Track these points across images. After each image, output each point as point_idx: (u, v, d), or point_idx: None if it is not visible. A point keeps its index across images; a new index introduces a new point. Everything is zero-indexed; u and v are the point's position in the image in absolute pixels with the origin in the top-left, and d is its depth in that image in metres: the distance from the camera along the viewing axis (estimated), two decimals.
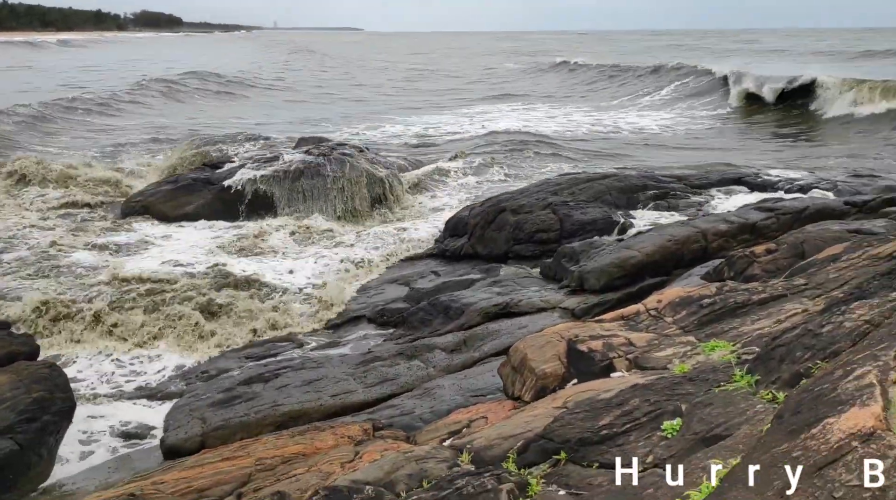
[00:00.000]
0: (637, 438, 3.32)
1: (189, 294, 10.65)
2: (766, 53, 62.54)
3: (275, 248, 13.46)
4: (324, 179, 15.78)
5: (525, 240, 11.70)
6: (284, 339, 9.74)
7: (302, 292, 11.32)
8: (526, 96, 42.04)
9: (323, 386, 7.07)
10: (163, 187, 16.34)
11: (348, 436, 4.34)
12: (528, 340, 4.99)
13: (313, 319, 10.36)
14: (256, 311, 10.30)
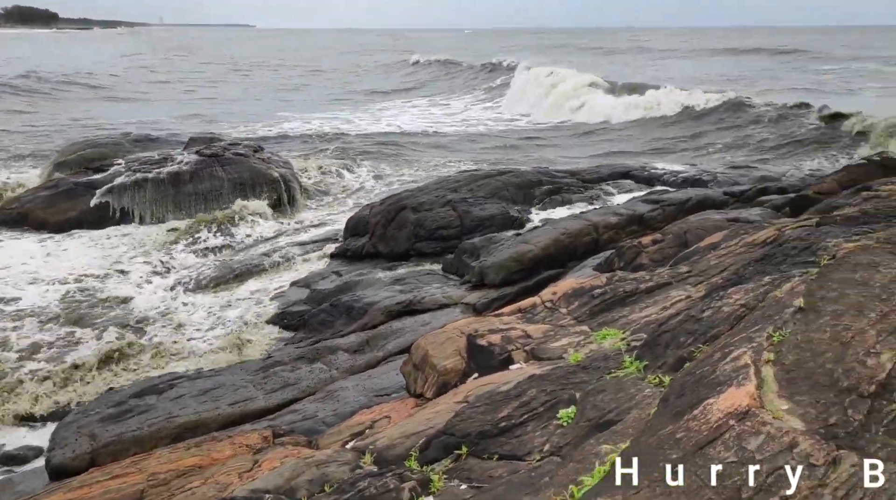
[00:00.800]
0: (535, 428, 3.40)
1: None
2: (627, 52, 67.00)
3: (162, 259, 12.93)
4: (217, 181, 15.31)
5: (426, 237, 11.75)
6: (177, 347, 9.38)
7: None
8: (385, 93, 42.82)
9: (221, 395, 6.85)
10: (41, 193, 15.38)
11: (247, 445, 4.22)
12: (428, 337, 5.01)
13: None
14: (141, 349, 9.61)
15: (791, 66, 46.78)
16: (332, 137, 24.47)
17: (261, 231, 14.33)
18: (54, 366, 8.81)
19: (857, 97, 30.13)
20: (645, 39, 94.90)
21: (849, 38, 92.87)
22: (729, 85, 31.86)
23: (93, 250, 13.44)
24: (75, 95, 40.60)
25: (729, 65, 48.80)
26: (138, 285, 11.72)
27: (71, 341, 9.56)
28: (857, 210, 5.05)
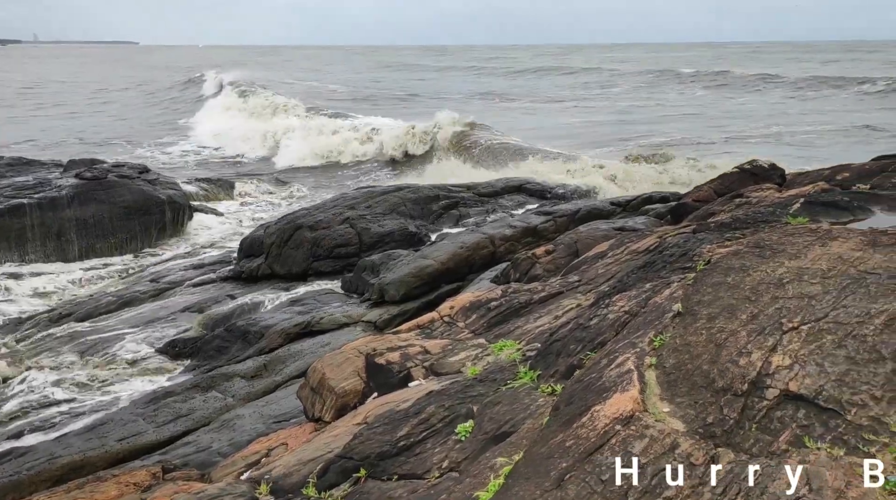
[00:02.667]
0: (434, 444, 3.39)
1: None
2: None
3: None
4: (100, 205, 14.57)
5: (324, 256, 11.58)
6: (59, 381, 8.80)
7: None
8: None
9: (108, 431, 6.48)
10: None
11: (133, 483, 4.00)
12: (325, 358, 4.92)
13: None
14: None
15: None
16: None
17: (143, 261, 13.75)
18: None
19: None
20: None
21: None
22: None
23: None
24: None
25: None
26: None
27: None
28: (729, 216, 5.36)
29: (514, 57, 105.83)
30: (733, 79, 49.61)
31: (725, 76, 51.41)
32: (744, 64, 64.52)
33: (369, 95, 50.54)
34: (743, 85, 46.70)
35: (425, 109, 33.18)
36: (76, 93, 56.89)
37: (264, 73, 53.26)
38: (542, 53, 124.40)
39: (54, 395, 8.21)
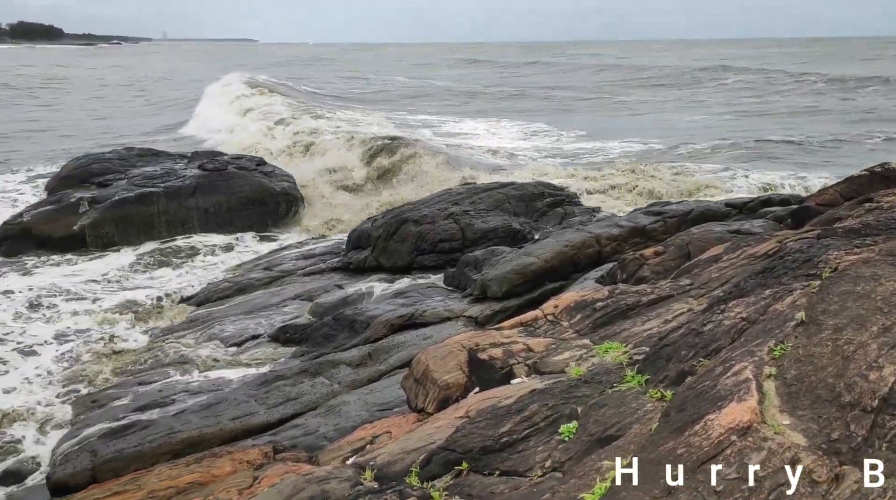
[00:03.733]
0: (536, 443, 3.37)
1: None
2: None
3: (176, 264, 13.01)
4: (220, 195, 15.36)
5: (428, 250, 11.75)
6: (180, 361, 9.36)
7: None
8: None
9: (223, 410, 6.83)
10: (44, 208, 15.43)
11: (247, 461, 4.20)
12: (429, 351, 4.99)
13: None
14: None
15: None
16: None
17: (259, 248, 14.38)
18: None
19: None
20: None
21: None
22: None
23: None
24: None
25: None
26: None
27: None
28: (858, 222, 5.04)
29: (633, 55, 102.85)
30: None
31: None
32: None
33: (475, 91, 50.76)
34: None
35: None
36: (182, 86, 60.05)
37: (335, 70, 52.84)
38: (664, 50, 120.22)
39: (175, 374, 8.75)
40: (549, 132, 29.52)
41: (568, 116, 35.40)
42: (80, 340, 10.08)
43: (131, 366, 9.19)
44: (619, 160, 20.69)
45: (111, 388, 8.44)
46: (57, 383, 8.90)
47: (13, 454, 7.27)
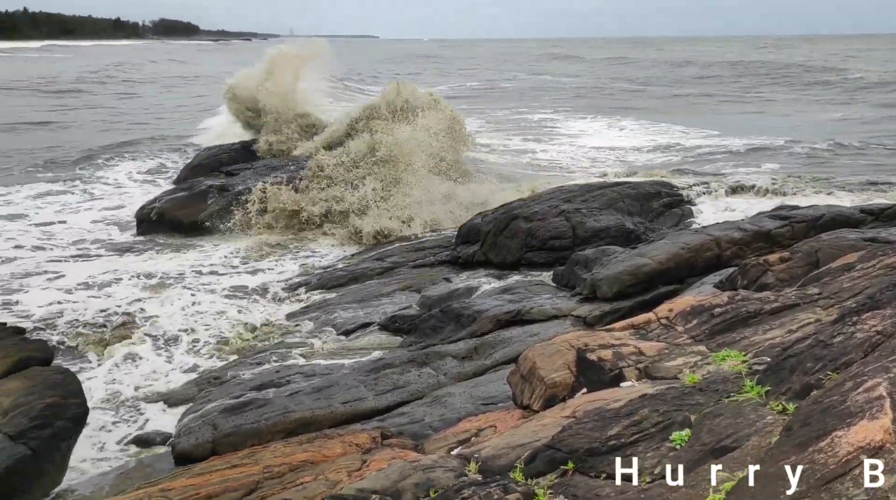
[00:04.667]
0: (645, 448, 3.29)
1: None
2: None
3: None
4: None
5: (538, 247, 11.67)
6: (296, 344, 9.76)
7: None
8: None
9: (334, 393, 7.07)
10: (178, 194, 16.48)
11: (356, 444, 4.34)
12: (537, 348, 4.96)
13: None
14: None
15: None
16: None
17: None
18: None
19: None
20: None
21: None
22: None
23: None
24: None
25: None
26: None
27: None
28: None
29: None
30: None
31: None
32: None
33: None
34: None
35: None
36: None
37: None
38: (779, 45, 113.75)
39: (290, 357, 9.15)
40: (679, 132, 28.24)
41: (697, 115, 33.89)
42: (203, 320, 10.71)
43: (250, 347, 9.69)
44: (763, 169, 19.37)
45: (232, 367, 8.93)
46: (183, 360, 9.50)
47: (144, 423, 7.83)
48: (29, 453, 5.79)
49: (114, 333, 10.09)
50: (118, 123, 33.69)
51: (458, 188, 16.28)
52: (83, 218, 16.61)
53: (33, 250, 14.08)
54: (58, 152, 24.56)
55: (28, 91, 47.26)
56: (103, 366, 9.22)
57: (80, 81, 55.46)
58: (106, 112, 38.34)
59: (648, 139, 26.51)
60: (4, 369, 6.19)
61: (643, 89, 48.31)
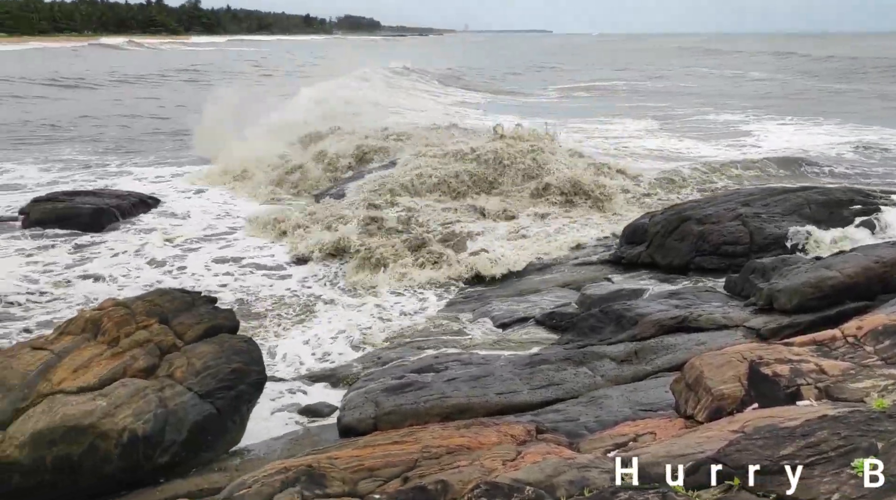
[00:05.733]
0: (822, 473, 3.06)
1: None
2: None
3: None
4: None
5: (709, 252, 11.13)
6: (454, 332, 10.00)
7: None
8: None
9: (489, 383, 7.16)
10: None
11: (511, 435, 4.38)
12: (705, 357, 4.74)
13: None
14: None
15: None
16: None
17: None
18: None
19: None
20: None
21: None
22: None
23: None
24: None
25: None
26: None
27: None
28: None
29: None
30: None
31: None
32: None
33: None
34: None
35: None
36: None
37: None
38: None
39: (449, 344, 9.39)
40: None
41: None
42: (370, 303, 11.26)
43: (413, 331, 10.05)
44: None
45: (395, 348, 9.33)
46: (351, 338, 10.04)
47: (312, 396, 8.38)
48: (215, 412, 6.40)
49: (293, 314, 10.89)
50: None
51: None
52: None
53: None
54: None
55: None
56: (280, 341, 9.97)
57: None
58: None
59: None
60: (198, 333, 6.86)
61: (845, 89, 43.98)
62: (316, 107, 27.46)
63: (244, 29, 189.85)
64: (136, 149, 25.56)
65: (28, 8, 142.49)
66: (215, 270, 12.89)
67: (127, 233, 14.94)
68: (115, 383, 6.07)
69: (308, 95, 29.79)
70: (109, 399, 5.88)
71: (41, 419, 5.71)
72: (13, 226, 15.23)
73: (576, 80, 61.57)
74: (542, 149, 17.49)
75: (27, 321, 10.57)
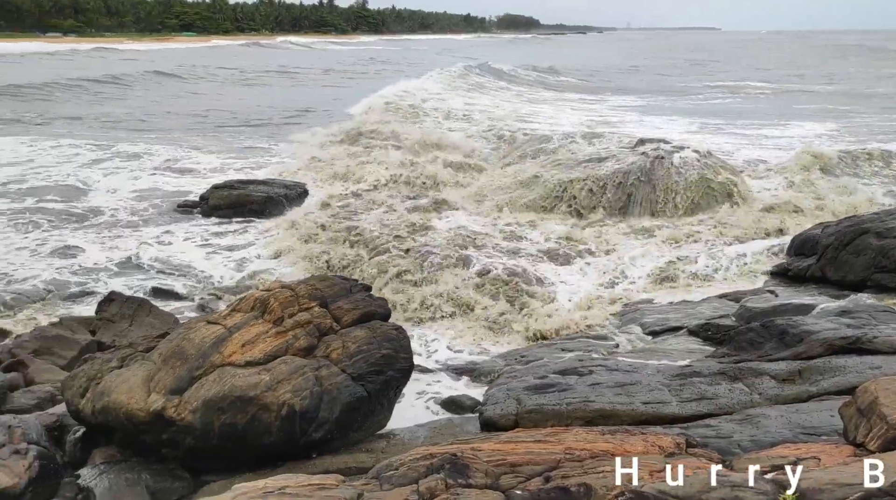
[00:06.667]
0: None
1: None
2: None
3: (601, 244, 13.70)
4: (654, 184, 15.53)
5: (890, 268, 10.16)
6: (600, 337, 9.81)
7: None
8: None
9: (635, 391, 6.97)
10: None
11: (659, 446, 4.24)
12: (882, 382, 4.34)
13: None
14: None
15: None
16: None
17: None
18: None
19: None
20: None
21: None
22: None
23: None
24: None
25: None
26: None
27: None
28: None
29: None
30: None
31: None
32: None
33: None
34: None
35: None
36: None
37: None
38: None
39: (595, 348, 9.23)
40: None
41: None
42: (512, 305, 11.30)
43: (560, 332, 9.98)
44: None
45: (539, 348, 9.31)
46: (496, 336, 10.14)
47: (455, 387, 8.57)
48: (365, 394, 6.69)
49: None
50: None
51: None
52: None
53: None
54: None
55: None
56: (429, 331, 10.26)
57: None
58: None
59: None
60: (354, 318, 7.19)
61: None
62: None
63: (407, 28, 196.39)
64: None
65: (214, 9, 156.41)
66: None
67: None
68: (278, 360, 6.51)
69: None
70: (272, 374, 6.31)
71: (212, 387, 6.24)
72: (193, 211, 16.77)
73: (742, 78, 58.23)
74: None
75: (201, 299, 11.59)
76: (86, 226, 15.53)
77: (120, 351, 7.04)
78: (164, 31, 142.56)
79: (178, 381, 6.39)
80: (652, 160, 16.29)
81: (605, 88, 51.18)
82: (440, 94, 39.04)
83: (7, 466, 5.98)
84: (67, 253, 13.63)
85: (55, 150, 23.59)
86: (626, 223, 15.02)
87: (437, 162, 19.44)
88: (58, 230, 15.12)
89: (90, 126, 30.68)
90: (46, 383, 7.82)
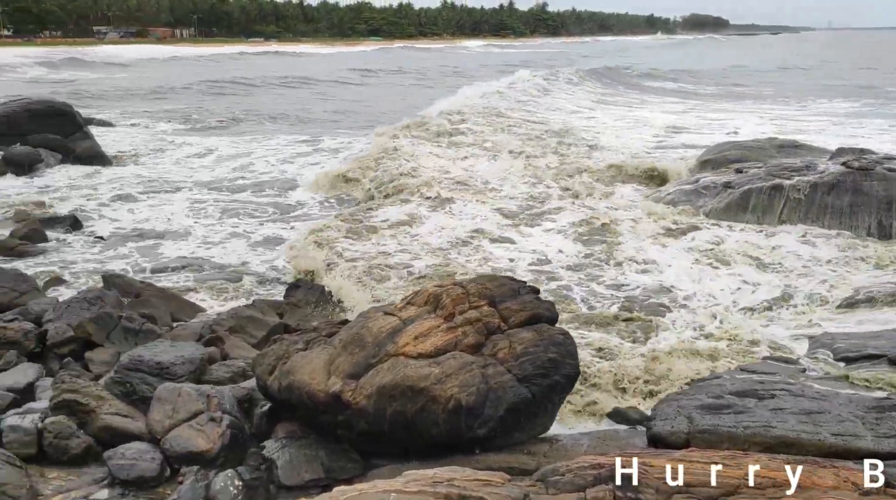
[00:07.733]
0: None
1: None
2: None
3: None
4: (863, 197, 14.16)
5: None
6: (784, 359, 9.13)
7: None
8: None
9: (823, 421, 6.42)
10: (681, 187, 16.81)
11: (853, 482, 3.87)
12: None
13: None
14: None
15: None
16: None
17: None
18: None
19: None
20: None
21: None
22: None
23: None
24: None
25: None
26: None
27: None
28: None
29: None
30: None
31: None
32: None
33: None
34: None
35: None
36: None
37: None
38: None
39: (778, 372, 8.60)
40: None
41: None
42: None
43: (739, 351, 9.41)
44: None
45: (714, 367, 8.83)
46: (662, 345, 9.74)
47: (622, 399, 8.34)
48: (529, 396, 6.70)
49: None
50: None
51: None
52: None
53: None
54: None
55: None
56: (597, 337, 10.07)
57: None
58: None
59: None
60: (521, 320, 7.22)
61: None
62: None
63: (586, 30, 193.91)
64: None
65: (400, 14, 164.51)
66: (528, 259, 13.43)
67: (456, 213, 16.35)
68: (447, 354, 6.69)
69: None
70: (441, 368, 6.50)
71: (386, 375, 6.53)
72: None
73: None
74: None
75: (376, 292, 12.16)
76: (289, 218, 17.44)
77: (305, 334, 7.56)
78: (354, 35, 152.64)
79: (356, 367, 6.76)
80: (855, 172, 14.92)
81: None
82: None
83: (204, 431, 6.65)
84: (270, 242, 15.27)
85: (265, 145, 27.49)
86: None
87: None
88: (267, 221, 17.08)
89: (292, 123, 34.91)
90: (239, 358, 8.55)
